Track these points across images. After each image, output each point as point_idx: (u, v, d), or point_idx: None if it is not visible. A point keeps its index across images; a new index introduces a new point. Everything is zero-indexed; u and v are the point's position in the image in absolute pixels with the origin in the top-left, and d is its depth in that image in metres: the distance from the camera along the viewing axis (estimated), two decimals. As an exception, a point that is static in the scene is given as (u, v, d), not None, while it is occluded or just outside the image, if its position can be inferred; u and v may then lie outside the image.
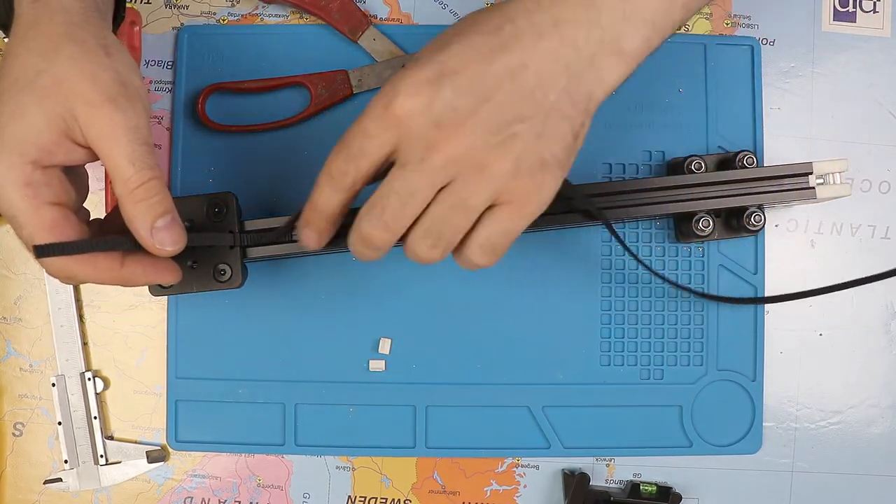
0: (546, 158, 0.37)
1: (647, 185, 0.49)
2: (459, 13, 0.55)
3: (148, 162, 0.38)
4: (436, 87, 0.35)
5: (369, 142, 0.36)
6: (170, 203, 0.39)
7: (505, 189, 0.37)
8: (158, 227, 0.38)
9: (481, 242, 0.38)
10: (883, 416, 0.56)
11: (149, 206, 0.38)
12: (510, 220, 0.38)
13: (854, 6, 0.56)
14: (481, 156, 0.36)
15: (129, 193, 0.37)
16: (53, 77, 0.37)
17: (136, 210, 0.38)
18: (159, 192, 0.38)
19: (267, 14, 0.55)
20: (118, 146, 0.37)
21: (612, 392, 0.54)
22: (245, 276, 0.46)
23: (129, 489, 0.54)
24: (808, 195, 0.50)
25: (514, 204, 0.37)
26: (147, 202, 0.38)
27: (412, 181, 0.36)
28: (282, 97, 0.54)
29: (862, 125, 0.56)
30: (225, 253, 0.46)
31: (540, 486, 0.55)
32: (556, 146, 0.37)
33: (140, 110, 0.38)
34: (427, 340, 0.54)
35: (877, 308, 0.56)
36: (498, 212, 0.38)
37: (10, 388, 0.54)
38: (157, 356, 0.54)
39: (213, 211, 0.45)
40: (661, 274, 0.52)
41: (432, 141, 0.36)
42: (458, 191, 0.37)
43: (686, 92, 0.55)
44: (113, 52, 0.39)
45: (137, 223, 0.38)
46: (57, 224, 0.37)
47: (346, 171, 0.37)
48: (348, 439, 0.54)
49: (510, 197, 0.37)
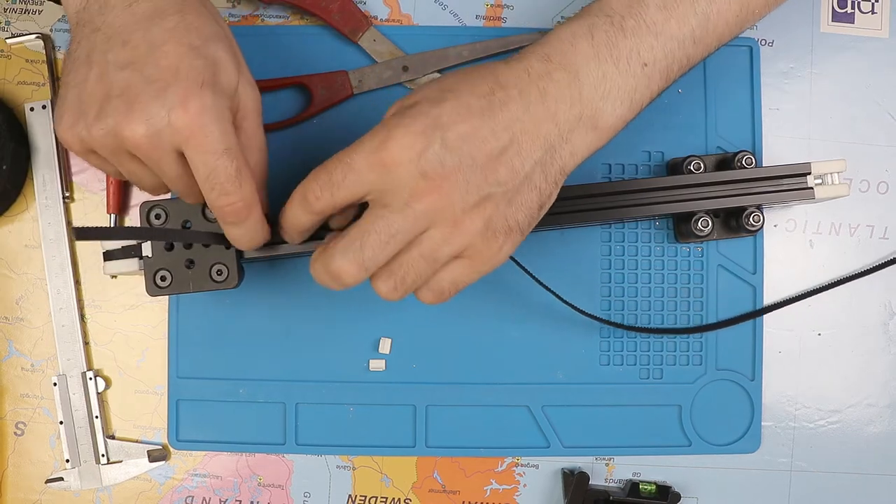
0: (511, 225, 0.40)
1: (646, 186, 0.50)
2: (459, 14, 0.55)
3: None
4: (428, 139, 0.37)
5: (352, 176, 0.38)
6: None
7: (471, 245, 0.39)
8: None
9: (432, 287, 0.41)
10: (881, 415, 0.56)
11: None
12: (464, 274, 0.40)
13: (852, 7, 0.56)
14: (458, 212, 0.38)
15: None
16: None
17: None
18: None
19: (267, 15, 0.55)
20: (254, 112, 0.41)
21: (611, 391, 0.54)
22: (241, 276, 0.47)
23: (131, 488, 0.54)
24: (807, 195, 0.50)
25: (474, 260, 0.40)
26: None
27: (394, 223, 0.38)
28: (282, 97, 0.54)
29: (860, 126, 0.56)
30: (221, 253, 0.46)
31: (540, 485, 0.55)
32: (522, 214, 0.40)
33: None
34: (427, 340, 0.54)
35: (875, 308, 0.56)
36: (457, 263, 0.40)
37: (11, 387, 0.54)
38: (158, 356, 0.54)
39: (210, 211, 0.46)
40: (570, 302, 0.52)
41: (417, 189, 0.37)
42: (430, 241, 0.39)
43: (685, 92, 0.55)
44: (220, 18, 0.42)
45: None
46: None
47: (320, 196, 0.39)
48: (349, 439, 0.54)
49: (472, 253, 0.40)
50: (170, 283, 0.46)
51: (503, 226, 0.39)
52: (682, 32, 0.41)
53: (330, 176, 0.38)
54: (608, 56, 0.39)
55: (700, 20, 0.41)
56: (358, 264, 0.39)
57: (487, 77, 0.39)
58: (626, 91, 0.40)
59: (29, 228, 0.54)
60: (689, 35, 0.41)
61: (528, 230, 0.41)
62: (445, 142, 0.37)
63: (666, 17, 0.40)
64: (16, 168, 0.52)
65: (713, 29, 0.42)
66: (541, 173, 0.39)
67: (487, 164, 0.38)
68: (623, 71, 0.40)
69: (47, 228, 0.53)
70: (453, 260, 0.40)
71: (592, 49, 0.39)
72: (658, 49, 0.40)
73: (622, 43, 0.40)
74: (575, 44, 0.39)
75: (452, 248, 0.39)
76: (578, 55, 0.39)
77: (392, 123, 0.38)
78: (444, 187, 0.37)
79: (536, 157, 0.39)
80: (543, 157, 0.39)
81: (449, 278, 0.40)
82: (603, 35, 0.40)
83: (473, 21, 0.56)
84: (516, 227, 0.40)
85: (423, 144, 0.37)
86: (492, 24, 0.56)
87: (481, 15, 0.56)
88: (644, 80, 0.40)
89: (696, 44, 0.41)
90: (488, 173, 0.38)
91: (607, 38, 0.40)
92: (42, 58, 0.54)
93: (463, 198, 0.38)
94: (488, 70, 0.40)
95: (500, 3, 0.56)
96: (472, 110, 0.38)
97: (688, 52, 0.41)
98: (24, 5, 0.55)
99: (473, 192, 0.38)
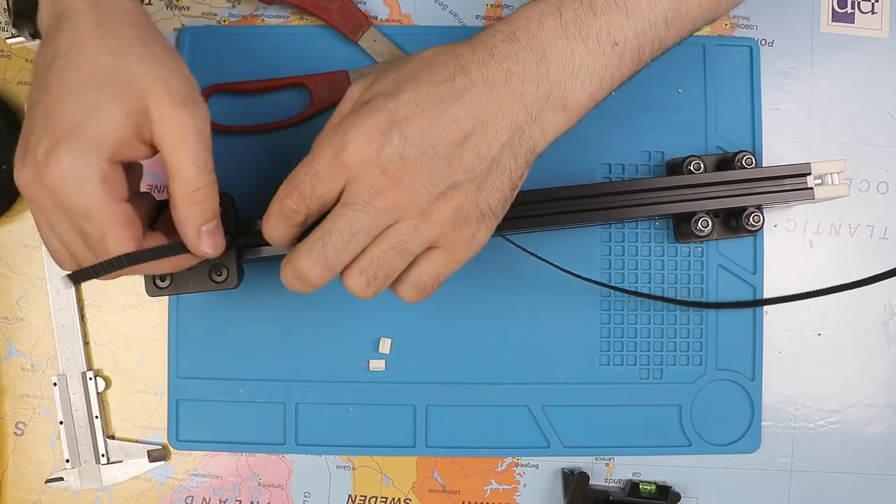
0: (483, 210, 0.39)
1: (645, 186, 0.50)
2: (459, 14, 0.55)
3: (209, 166, 0.39)
4: (386, 136, 0.37)
5: (320, 185, 0.38)
6: (217, 208, 0.40)
7: (442, 235, 0.39)
8: (205, 231, 0.39)
9: (413, 281, 0.40)
10: (881, 415, 0.56)
11: (203, 210, 0.39)
12: (443, 264, 0.40)
13: (852, 7, 0.56)
14: (424, 203, 0.38)
15: (187, 195, 0.38)
16: (127, 76, 0.37)
17: (190, 212, 0.39)
18: (213, 197, 0.39)
19: (267, 15, 0.55)
20: (185, 147, 0.38)
21: (611, 392, 0.54)
22: (241, 276, 0.47)
23: (131, 488, 0.54)
24: (807, 195, 0.50)
25: (449, 249, 0.40)
26: (202, 205, 0.39)
27: (355, 221, 0.38)
28: (282, 97, 0.54)
29: (860, 126, 0.56)
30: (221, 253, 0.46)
31: (540, 485, 0.55)
32: (494, 198, 0.39)
33: (206, 113, 0.39)
34: (427, 340, 0.54)
35: (875, 308, 0.56)
36: (433, 254, 0.40)
37: (11, 387, 0.54)
38: (158, 356, 0.54)
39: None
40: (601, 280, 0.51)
41: (378, 186, 0.37)
42: (398, 234, 0.38)
43: (685, 93, 0.55)
44: (177, 56, 0.40)
45: (189, 224, 0.39)
46: (131, 220, 0.38)
47: (297, 210, 0.39)
48: (349, 439, 0.54)
49: (446, 243, 0.39)
50: (170, 284, 0.46)
51: (475, 212, 0.39)
52: (653, 13, 0.40)
53: (300, 190, 0.38)
54: (577, 33, 0.38)
55: (672, 2, 0.40)
56: (321, 264, 0.38)
57: (449, 61, 0.38)
58: (596, 69, 0.39)
59: (29, 228, 0.54)
60: (660, 17, 0.40)
61: (502, 213, 0.40)
62: (404, 135, 0.37)
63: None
64: (16, 168, 0.52)
65: (686, 12, 0.41)
66: (510, 155, 0.39)
67: (451, 153, 0.37)
68: (592, 49, 0.39)
69: (47, 228, 0.53)
70: (429, 251, 0.40)
71: (560, 26, 0.38)
72: (629, 29, 0.39)
73: (591, 21, 0.39)
74: (542, 22, 0.39)
75: (422, 238, 0.39)
76: (546, 33, 0.38)
77: (348, 123, 0.37)
78: (405, 180, 0.37)
79: (503, 140, 0.38)
80: (511, 139, 0.38)
81: (429, 271, 0.40)
82: (571, 12, 0.39)
83: (473, 21, 0.56)
84: (489, 211, 0.39)
85: (381, 141, 0.37)
86: (492, 24, 0.56)
87: (481, 15, 0.56)
88: (614, 60, 0.39)
89: (668, 26, 0.41)
90: (452, 161, 0.37)
91: (576, 15, 0.39)
92: (42, 58, 0.54)
93: (428, 189, 0.37)
94: (450, 53, 0.39)
95: (500, 3, 0.56)
96: (430, 99, 0.37)
97: (659, 34, 0.40)
98: (24, 5, 0.55)
99: (438, 181, 0.37)
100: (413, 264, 0.40)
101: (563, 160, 0.54)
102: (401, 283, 0.41)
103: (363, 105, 0.38)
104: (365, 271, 0.39)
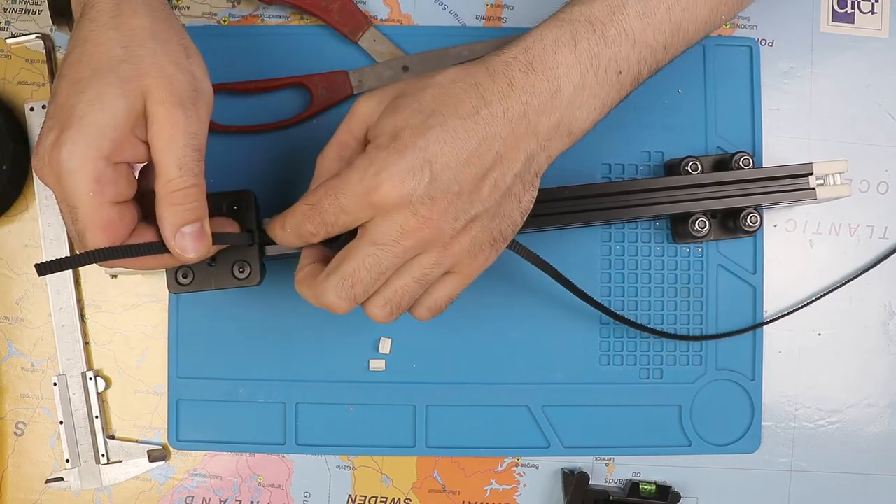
0: (495, 236, 0.40)
1: (645, 186, 0.50)
2: (459, 14, 0.55)
3: (194, 169, 0.38)
4: (418, 177, 0.37)
5: (345, 216, 0.38)
6: (202, 213, 0.39)
7: (458, 262, 0.40)
8: (184, 233, 0.39)
9: (430, 305, 0.42)
10: (881, 415, 0.56)
11: (181, 211, 0.38)
12: (456, 287, 0.42)
13: (852, 7, 0.56)
14: (447, 238, 0.39)
15: (167, 195, 0.38)
16: (135, 70, 0.37)
17: (168, 212, 0.38)
18: (195, 200, 0.39)
19: (267, 15, 0.55)
20: (172, 147, 0.38)
21: (611, 392, 0.54)
22: (264, 273, 0.46)
23: (131, 488, 0.54)
24: (809, 196, 0.50)
25: (462, 273, 0.41)
26: (181, 207, 0.38)
27: (384, 260, 0.38)
28: (282, 97, 0.54)
29: (860, 126, 0.56)
30: (244, 251, 0.46)
31: (539, 485, 0.55)
32: (506, 225, 0.41)
33: (203, 116, 0.39)
34: (427, 340, 0.54)
35: (875, 308, 0.56)
36: (447, 279, 0.41)
37: (11, 387, 0.54)
38: (158, 356, 0.54)
39: (233, 209, 0.45)
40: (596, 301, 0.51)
41: (408, 227, 0.38)
42: (421, 267, 0.39)
43: (685, 93, 0.55)
44: (192, 54, 0.40)
45: (165, 224, 0.39)
46: (112, 224, 0.38)
47: (316, 233, 0.39)
48: (349, 439, 0.54)
49: (461, 269, 0.41)
50: (192, 281, 0.46)
51: (488, 238, 0.40)
52: (656, 41, 0.41)
53: (323, 218, 0.38)
54: (589, 65, 0.39)
55: (673, 28, 0.41)
56: (349, 301, 0.39)
57: (470, 92, 0.38)
58: (601, 97, 0.40)
59: (29, 228, 0.54)
60: (661, 43, 0.41)
61: (511, 237, 0.42)
62: (434, 175, 0.37)
63: (644, 26, 0.40)
64: (16, 168, 0.52)
65: (683, 36, 0.42)
66: (520, 184, 0.40)
67: (473, 188, 0.38)
68: (601, 79, 0.40)
69: (47, 228, 0.53)
70: (444, 276, 0.41)
71: (575, 58, 0.39)
72: (633, 57, 0.40)
73: (603, 51, 0.40)
74: (558, 52, 0.39)
75: (442, 268, 0.40)
76: (561, 65, 0.39)
77: (380, 161, 0.37)
78: (433, 220, 0.37)
79: (517, 171, 0.39)
80: (523, 169, 0.39)
81: (444, 295, 0.41)
82: (585, 43, 0.39)
83: (473, 21, 0.56)
84: (500, 237, 0.41)
85: (413, 183, 0.37)
86: (492, 24, 0.56)
87: (481, 15, 0.56)
88: (617, 87, 0.41)
89: (666, 50, 0.42)
90: (473, 196, 0.38)
91: (589, 46, 0.39)
92: (42, 58, 0.54)
93: (452, 225, 0.38)
94: (470, 81, 0.39)
95: (500, 3, 0.56)
96: (458, 136, 0.37)
97: (658, 58, 0.42)
98: (24, 5, 0.55)
99: (461, 216, 0.38)
100: (430, 290, 0.41)
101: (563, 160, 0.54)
102: (417, 306, 0.42)
103: (392, 140, 0.38)
104: (389, 302, 0.40)
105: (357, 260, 0.38)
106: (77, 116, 0.36)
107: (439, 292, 0.41)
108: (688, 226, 0.51)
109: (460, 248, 0.39)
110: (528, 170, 0.40)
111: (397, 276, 0.39)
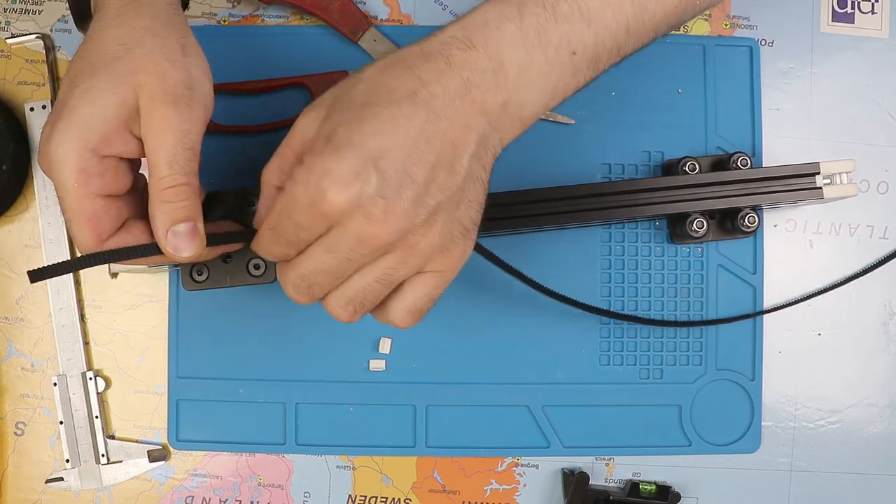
0: (466, 225, 0.38)
1: (641, 186, 0.50)
2: (459, 14, 0.55)
3: (185, 167, 0.38)
4: (363, 178, 0.34)
5: (304, 233, 0.37)
6: (195, 211, 0.39)
7: (430, 260, 0.37)
8: (176, 232, 0.38)
9: (409, 308, 0.39)
10: (881, 415, 0.56)
11: (171, 209, 0.38)
12: (435, 287, 0.39)
13: (852, 7, 0.56)
14: (409, 236, 0.36)
15: (157, 192, 0.38)
16: (129, 66, 0.37)
17: (158, 210, 0.38)
18: (186, 199, 0.38)
19: (268, 15, 0.55)
20: (163, 145, 0.37)
21: (611, 392, 0.54)
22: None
23: (131, 488, 0.54)
24: (816, 195, 0.50)
25: (438, 272, 0.38)
26: (171, 204, 0.38)
27: (340, 266, 0.37)
28: (282, 97, 0.54)
29: (860, 126, 0.56)
30: None
31: (539, 485, 0.55)
32: (473, 210, 0.38)
33: (198, 115, 0.38)
34: (427, 340, 0.54)
35: (875, 308, 0.56)
36: (423, 279, 0.38)
37: (11, 387, 0.54)
38: (158, 356, 0.54)
39: (247, 205, 0.44)
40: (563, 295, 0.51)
41: (363, 234, 0.35)
42: (384, 267, 0.37)
43: (685, 93, 0.55)
44: (190, 52, 0.39)
45: (157, 222, 0.38)
46: (96, 216, 0.38)
47: (288, 253, 0.38)
48: (349, 439, 0.54)
49: (435, 267, 0.38)
50: (207, 278, 0.45)
51: (459, 230, 0.37)
52: (616, 22, 0.38)
53: (286, 238, 0.37)
54: (537, 42, 0.37)
55: (637, 10, 0.38)
56: (308, 298, 0.39)
57: (403, 75, 0.36)
58: (552, 79, 0.37)
59: (29, 228, 0.54)
60: (622, 25, 0.38)
61: (479, 222, 0.39)
62: (380, 171, 0.34)
63: (602, 5, 0.37)
64: (16, 168, 0.52)
65: (650, 19, 0.39)
66: (478, 164, 0.37)
67: (428, 176, 0.35)
68: (551, 59, 0.37)
69: (47, 228, 0.53)
70: (418, 276, 0.38)
71: (520, 33, 0.36)
72: (589, 37, 0.38)
73: (553, 29, 0.37)
74: (501, 27, 0.36)
75: (408, 268, 0.37)
76: (504, 41, 0.36)
77: (318, 168, 0.35)
78: (389, 221, 0.35)
79: (472, 151, 0.36)
80: (478, 150, 0.37)
81: (422, 296, 0.39)
82: (533, 19, 0.37)
83: (473, 21, 0.56)
84: (471, 225, 0.38)
85: (358, 185, 0.34)
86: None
87: (481, 15, 0.56)
88: (571, 69, 0.38)
89: (628, 34, 0.39)
90: (430, 184, 0.35)
91: (538, 21, 0.37)
92: (42, 58, 0.54)
93: (411, 220, 0.35)
94: (402, 65, 0.36)
95: (500, 3, 0.56)
96: (397, 122, 0.35)
97: (619, 41, 0.39)
98: (24, 5, 0.55)
99: (421, 211, 0.35)
100: (403, 291, 0.39)
101: (563, 160, 0.54)
102: (393, 311, 0.39)
103: (326, 143, 0.35)
104: (352, 302, 0.38)
105: (313, 264, 0.37)
106: (68, 109, 0.37)
107: (417, 293, 0.39)
108: (685, 226, 0.51)
109: (428, 245, 0.36)
110: (483, 151, 0.37)
111: (359, 276, 0.37)
